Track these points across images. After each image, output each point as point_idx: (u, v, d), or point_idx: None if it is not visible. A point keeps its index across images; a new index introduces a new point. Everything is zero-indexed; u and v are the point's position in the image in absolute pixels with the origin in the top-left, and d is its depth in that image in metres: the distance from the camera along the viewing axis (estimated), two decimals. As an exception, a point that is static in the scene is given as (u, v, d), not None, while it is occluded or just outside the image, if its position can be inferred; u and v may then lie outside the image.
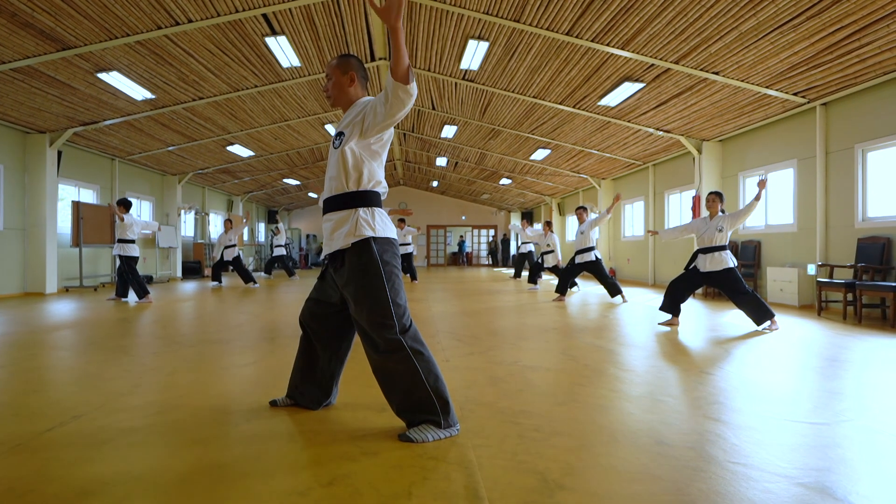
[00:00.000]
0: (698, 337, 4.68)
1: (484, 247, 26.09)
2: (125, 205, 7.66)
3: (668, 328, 5.06)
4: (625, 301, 7.69)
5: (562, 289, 7.84)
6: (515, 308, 6.96)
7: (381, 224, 2.11)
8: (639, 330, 5.07)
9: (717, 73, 6.43)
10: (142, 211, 12.77)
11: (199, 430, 2.19)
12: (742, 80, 6.50)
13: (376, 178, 2.15)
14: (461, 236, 26.05)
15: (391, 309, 2.03)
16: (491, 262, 25.07)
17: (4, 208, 8.45)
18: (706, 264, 5.00)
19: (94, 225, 9.78)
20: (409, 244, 11.50)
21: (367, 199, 2.12)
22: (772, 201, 8.10)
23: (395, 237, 2.16)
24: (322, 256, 2.27)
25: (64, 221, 9.80)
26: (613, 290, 7.74)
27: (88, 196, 10.69)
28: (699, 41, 5.72)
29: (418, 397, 2.04)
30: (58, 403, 2.56)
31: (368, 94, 2.25)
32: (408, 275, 12.22)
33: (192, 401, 2.60)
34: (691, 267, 5.19)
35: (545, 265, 10.26)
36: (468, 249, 25.93)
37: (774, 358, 3.78)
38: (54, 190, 9.07)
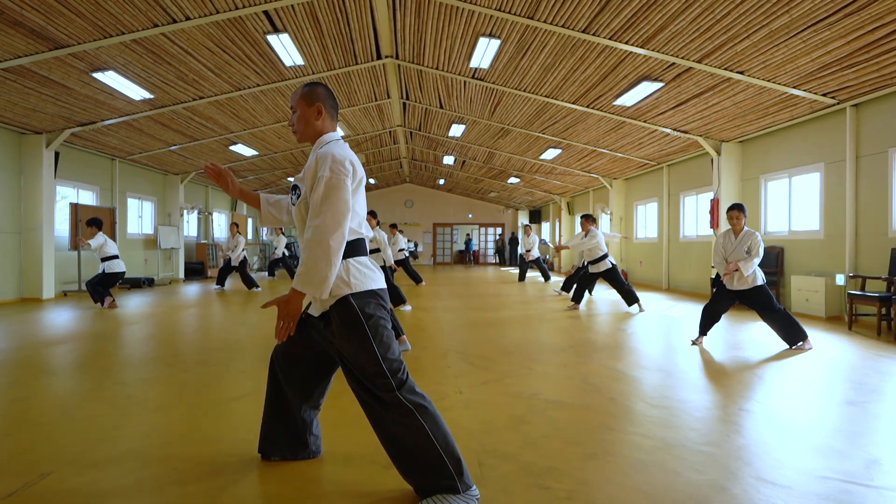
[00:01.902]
0: (726, 357, 4.37)
1: (491, 245, 25.77)
2: (96, 224, 7.43)
3: (696, 347, 4.78)
4: (641, 311, 7.37)
5: (577, 297, 7.63)
6: (527, 318, 6.66)
7: (357, 277, 1.85)
8: (659, 349, 4.77)
9: (741, 73, 6.08)
10: (143, 211, 12.56)
11: (183, 493, 1.92)
12: (768, 80, 6.14)
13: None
14: (468, 234, 25.73)
15: (382, 365, 1.80)
16: (498, 261, 24.74)
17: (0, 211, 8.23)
18: (734, 282, 4.70)
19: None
20: (403, 249, 10.99)
21: None
22: (796, 206, 7.74)
23: (379, 285, 1.90)
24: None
25: (62, 224, 9.57)
26: (630, 299, 7.41)
27: (88, 197, 10.45)
28: (725, 39, 5.37)
29: (428, 458, 1.78)
30: (27, 454, 2.28)
31: (337, 129, 2.01)
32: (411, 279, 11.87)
33: (177, 450, 2.32)
34: (719, 284, 4.88)
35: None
36: (475, 248, 25.61)
37: (811, 386, 3.47)
38: (51, 192, 8.83)
